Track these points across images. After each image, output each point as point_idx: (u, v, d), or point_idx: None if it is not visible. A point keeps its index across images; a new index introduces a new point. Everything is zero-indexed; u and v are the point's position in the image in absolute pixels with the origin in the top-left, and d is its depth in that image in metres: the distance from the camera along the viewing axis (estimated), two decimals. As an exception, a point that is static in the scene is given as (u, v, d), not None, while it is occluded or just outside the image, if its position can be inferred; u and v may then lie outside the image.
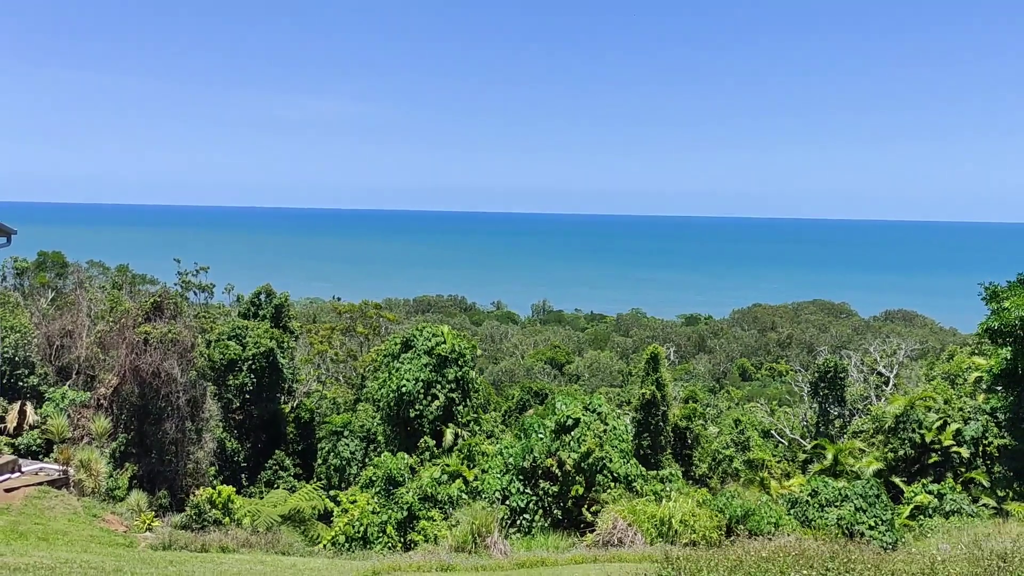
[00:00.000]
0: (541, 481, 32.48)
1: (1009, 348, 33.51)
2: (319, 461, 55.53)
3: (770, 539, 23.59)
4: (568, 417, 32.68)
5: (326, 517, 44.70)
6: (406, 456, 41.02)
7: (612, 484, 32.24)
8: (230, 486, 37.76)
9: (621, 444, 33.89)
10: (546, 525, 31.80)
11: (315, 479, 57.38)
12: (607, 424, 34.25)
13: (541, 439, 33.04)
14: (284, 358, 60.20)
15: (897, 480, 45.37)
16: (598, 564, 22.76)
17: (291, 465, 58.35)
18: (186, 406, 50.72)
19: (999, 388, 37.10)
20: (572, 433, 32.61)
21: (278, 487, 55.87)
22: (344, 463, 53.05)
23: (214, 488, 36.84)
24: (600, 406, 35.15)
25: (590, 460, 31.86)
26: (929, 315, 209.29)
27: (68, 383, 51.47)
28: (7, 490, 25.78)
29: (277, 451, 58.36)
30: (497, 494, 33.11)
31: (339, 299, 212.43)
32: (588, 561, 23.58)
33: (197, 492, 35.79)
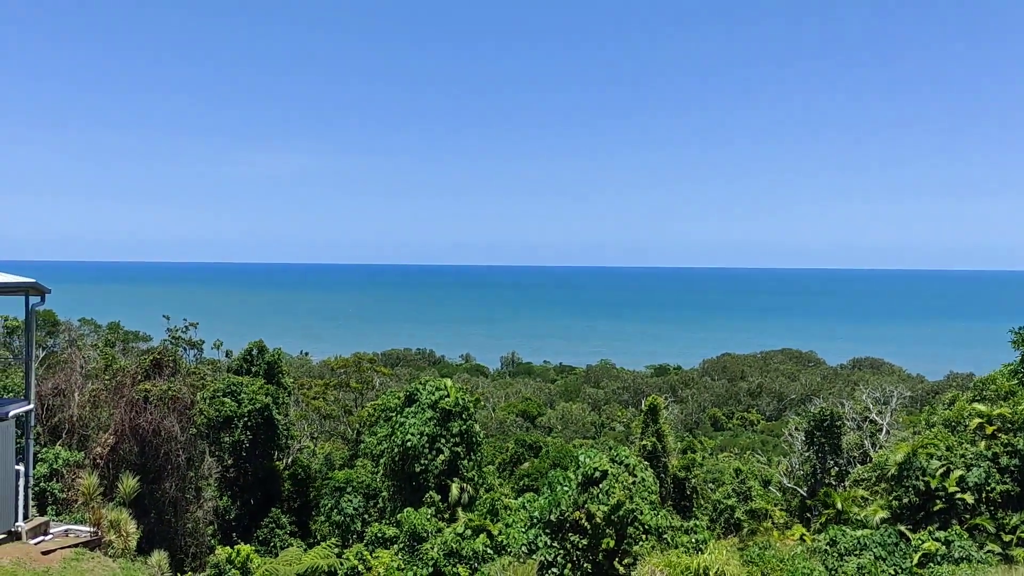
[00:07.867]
0: (569, 534, 32.41)
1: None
2: (322, 518, 54.79)
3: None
4: (595, 469, 32.72)
5: (333, 575, 43.96)
6: (428, 511, 40.66)
7: (643, 536, 32.26)
8: (246, 544, 37.22)
9: (650, 496, 34.01)
10: (576, 579, 31.62)
11: (312, 536, 56.60)
12: (635, 475, 34.37)
13: (567, 492, 33.04)
14: (279, 414, 59.73)
15: (903, 527, 45.64)
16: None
17: (287, 523, 57.55)
18: (185, 464, 50.16)
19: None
20: (600, 485, 32.65)
21: (274, 545, 55.07)
22: (348, 520, 52.39)
23: (227, 547, 36.35)
24: (627, 458, 35.28)
25: (620, 512, 31.89)
26: (896, 362, 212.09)
27: (59, 442, 50.64)
28: (44, 552, 25.30)
29: (273, 509, 57.55)
30: (523, 548, 32.97)
31: (307, 354, 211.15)
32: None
33: (216, 552, 35.24)
